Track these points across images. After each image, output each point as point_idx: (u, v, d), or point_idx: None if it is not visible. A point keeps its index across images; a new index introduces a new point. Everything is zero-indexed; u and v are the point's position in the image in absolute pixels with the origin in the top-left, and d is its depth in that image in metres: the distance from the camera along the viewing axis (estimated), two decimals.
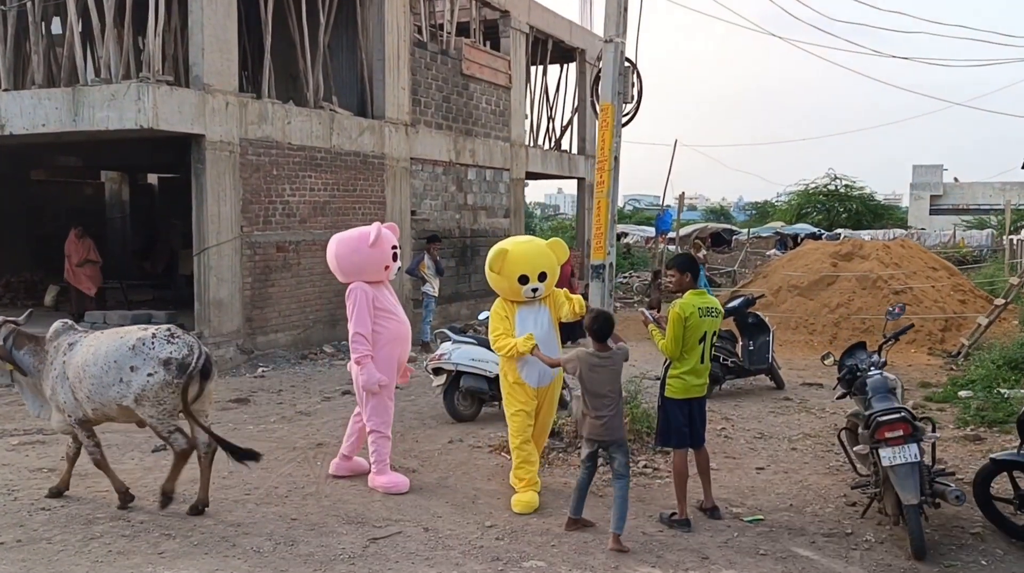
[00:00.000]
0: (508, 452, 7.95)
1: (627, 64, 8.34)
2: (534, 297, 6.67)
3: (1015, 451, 5.98)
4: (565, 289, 7.23)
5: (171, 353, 6.07)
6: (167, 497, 6.31)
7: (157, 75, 11.52)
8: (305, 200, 13.87)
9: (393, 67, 15.70)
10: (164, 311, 13.43)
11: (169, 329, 6.27)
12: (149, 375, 6.01)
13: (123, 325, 8.61)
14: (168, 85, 11.61)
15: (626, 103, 8.38)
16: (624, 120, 8.38)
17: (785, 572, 5.37)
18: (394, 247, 7.05)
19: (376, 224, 7.03)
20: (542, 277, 6.66)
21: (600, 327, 6.00)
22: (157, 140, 12.80)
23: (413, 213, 16.36)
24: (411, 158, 16.25)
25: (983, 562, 5.52)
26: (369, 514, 6.36)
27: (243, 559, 5.50)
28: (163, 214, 20.42)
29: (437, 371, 9.48)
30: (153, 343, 6.09)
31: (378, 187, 15.45)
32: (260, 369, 12.30)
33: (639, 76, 8.48)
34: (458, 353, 9.37)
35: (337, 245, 7.04)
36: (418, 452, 8.13)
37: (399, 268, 7.14)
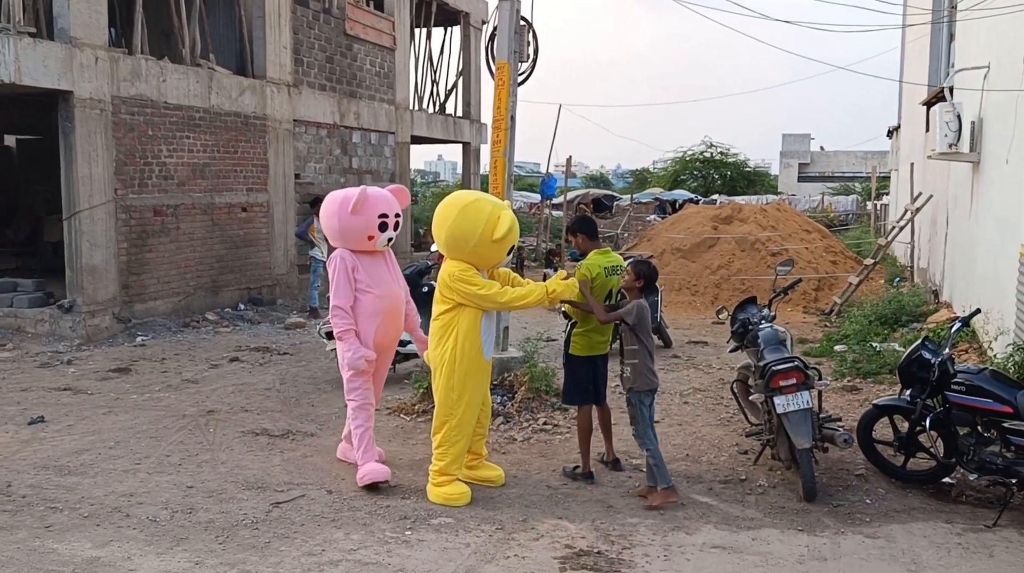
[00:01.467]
0: (407, 414, 7.94)
1: (522, 23, 8.29)
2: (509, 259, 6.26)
3: (897, 397, 6.33)
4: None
5: None
6: None
7: (18, 26, 10.72)
8: (183, 162, 13.27)
9: (274, 24, 15.14)
10: (31, 279, 12.68)
11: None
12: None
13: None
14: (31, 37, 10.84)
15: (522, 62, 8.33)
16: (520, 79, 8.34)
17: (686, 517, 5.54)
18: (384, 215, 6.10)
19: (362, 188, 6.15)
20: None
21: (650, 274, 6.00)
22: (18, 97, 11.97)
23: (297, 176, 15.91)
24: (294, 120, 15.76)
25: (867, 501, 5.85)
26: (269, 479, 6.20)
27: (139, 529, 5.27)
28: (24, 178, 19.17)
29: (330, 335, 9.26)
30: None
31: (260, 149, 14.93)
32: (139, 338, 11.76)
33: (535, 35, 8.44)
34: None
35: (324, 204, 6.34)
36: (315, 416, 7.97)
37: (389, 240, 6.21)
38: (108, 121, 11.82)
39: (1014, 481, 5.43)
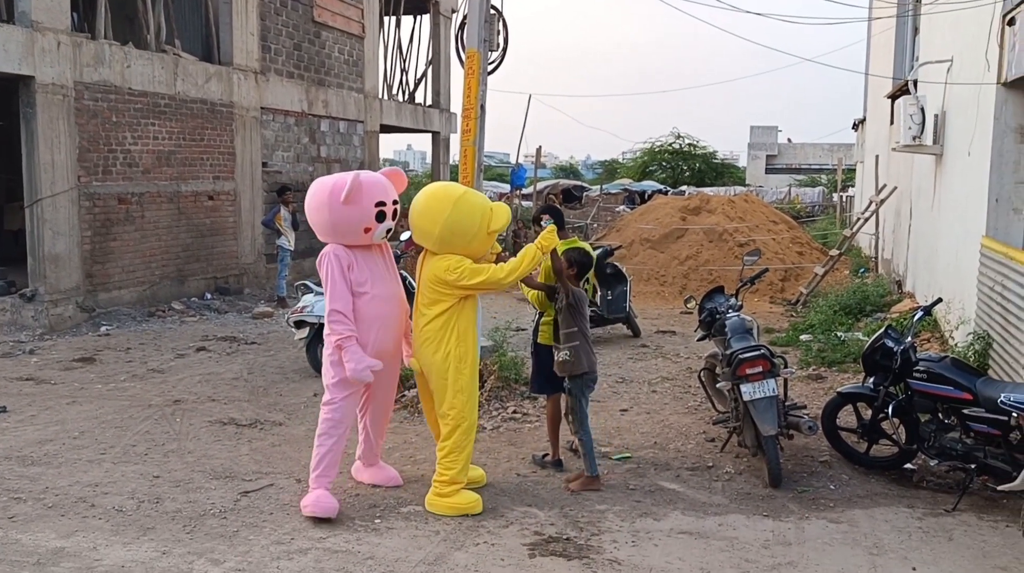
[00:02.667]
0: None
1: (492, 11, 8.28)
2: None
3: (860, 385, 6.43)
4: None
5: None
6: None
7: None
8: (148, 149, 13.11)
9: (240, 10, 14.98)
10: None
11: None
12: None
13: None
14: None
15: (492, 51, 8.32)
16: (490, 68, 8.33)
17: (654, 504, 5.60)
18: (381, 203, 5.32)
19: (354, 173, 5.33)
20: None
21: (583, 261, 5.95)
22: None
23: (265, 165, 15.78)
24: (262, 107, 15.62)
25: (831, 487, 5.94)
26: (237, 468, 6.16)
27: (104, 519, 5.22)
28: None
29: (299, 324, 9.23)
30: None
31: (227, 137, 14.79)
32: (104, 327, 11.62)
33: (505, 24, 8.43)
34: (320, 305, 9.07)
35: (308, 196, 5.50)
36: (283, 405, 7.93)
37: (388, 231, 5.48)
38: (71, 107, 11.64)
39: (973, 466, 5.54)
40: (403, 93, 22.43)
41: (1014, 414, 5.19)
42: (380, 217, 5.34)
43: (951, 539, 5.09)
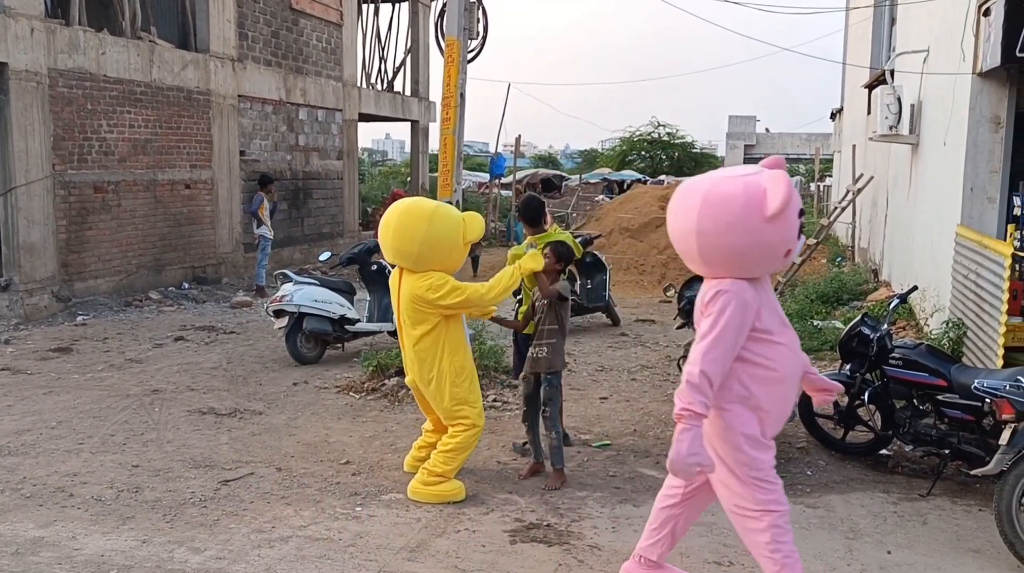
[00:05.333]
0: (356, 393, 7.92)
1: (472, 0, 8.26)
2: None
3: (837, 372, 6.50)
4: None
5: None
6: None
7: None
8: (124, 137, 12.98)
9: None
10: None
11: None
12: None
13: None
14: None
15: (472, 39, 8.31)
16: (470, 56, 8.31)
17: (633, 490, 5.64)
18: (802, 214, 3.61)
19: (779, 172, 3.58)
20: None
21: (568, 255, 5.91)
22: None
23: (242, 153, 15.66)
24: (239, 95, 15.49)
25: (808, 472, 6.01)
26: (217, 457, 6.14)
27: (83, 509, 5.19)
28: None
29: (279, 313, 9.20)
30: None
31: (204, 125, 14.66)
32: (80, 317, 11.52)
33: (484, 12, 8.42)
34: (300, 294, 9.12)
35: (701, 212, 3.52)
36: (263, 394, 7.91)
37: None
38: (45, 94, 11.50)
39: (947, 452, 5.62)
40: (382, 82, 22.31)
41: (987, 400, 5.27)
42: (799, 231, 3.65)
43: (926, 523, 5.17)
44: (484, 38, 8.51)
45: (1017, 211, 7.91)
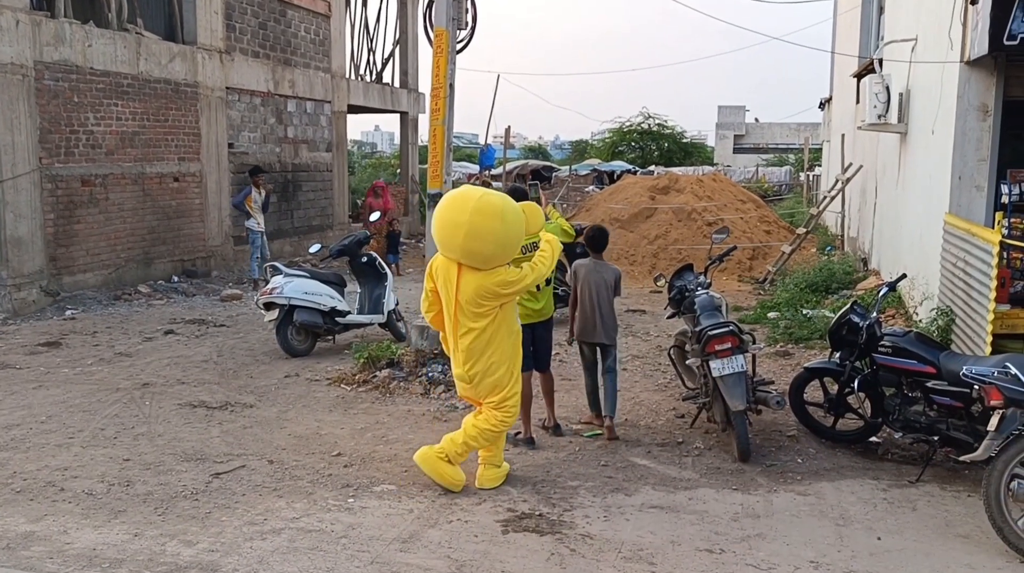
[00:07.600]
0: (348, 385, 7.91)
1: None
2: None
3: (827, 360, 6.53)
4: None
5: None
6: None
7: None
8: (111, 130, 12.90)
9: None
10: None
11: None
12: None
13: None
14: None
15: (460, 29, 8.28)
16: (459, 47, 8.28)
17: (625, 480, 5.65)
18: None
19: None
20: None
21: (597, 238, 6.76)
22: None
23: (231, 146, 15.59)
24: (227, 87, 15.41)
25: (799, 460, 6.04)
26: (208, 450, 6.13)
27: (74, 503, 5.18)
28: None
29: (269, 306, 9.18)
30: None
31: (192, 117, 14.58)
32: (69, 311, 11.47)
33: (473, 2, 8.39)
34: (290, 287, 9.10)
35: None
36: (254, 387, 7.89)
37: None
38: (31, 87, 11.42)
39: (936, 438, 5.65)
40: (370, 73, 22.24)
41: (976, 387, 5.30)
42: None
43: (915, 509, 5.20)
44: (473, 28, 8.48)
45: (1005, 199, 7.95)
